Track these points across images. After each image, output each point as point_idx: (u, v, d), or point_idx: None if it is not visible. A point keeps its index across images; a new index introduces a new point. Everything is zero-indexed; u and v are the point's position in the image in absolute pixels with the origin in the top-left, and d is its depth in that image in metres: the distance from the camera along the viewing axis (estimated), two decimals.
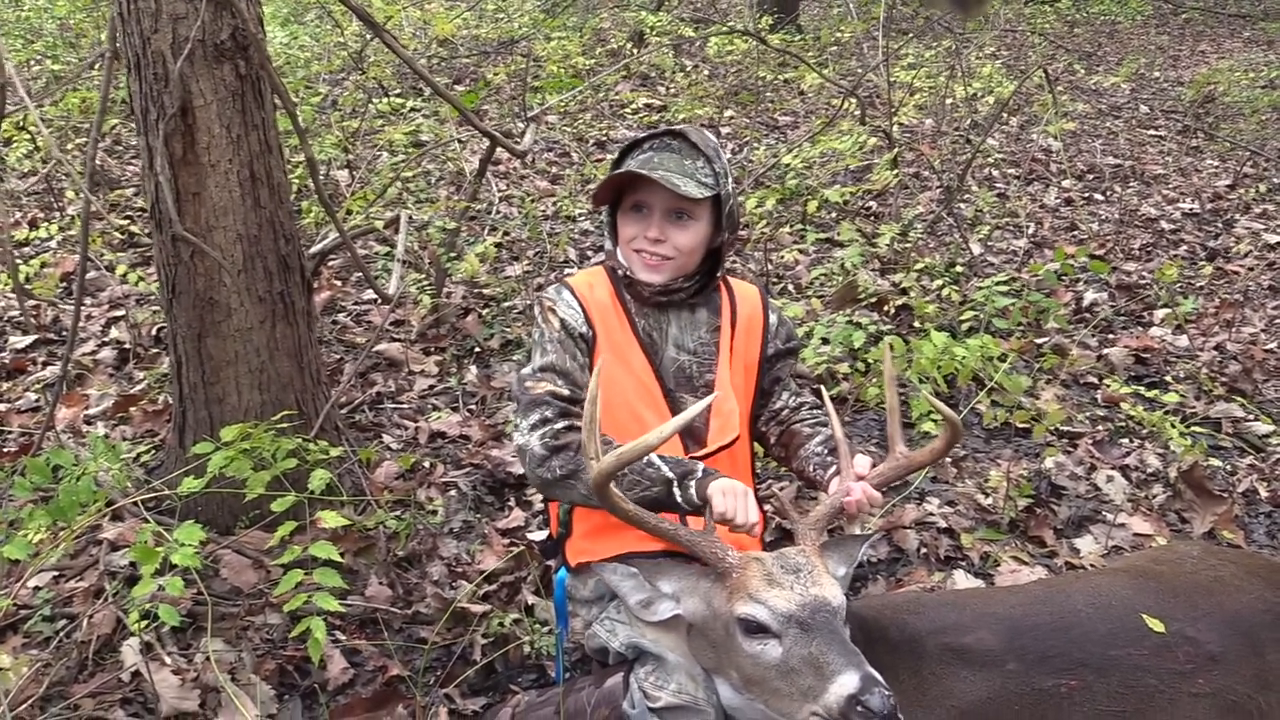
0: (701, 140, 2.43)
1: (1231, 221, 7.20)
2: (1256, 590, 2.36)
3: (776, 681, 1.99)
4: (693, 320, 2.53)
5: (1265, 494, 3.99)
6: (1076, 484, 4.00)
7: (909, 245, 5.81)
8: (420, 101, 7.59)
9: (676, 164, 2.37)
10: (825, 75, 7.57)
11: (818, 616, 1.98)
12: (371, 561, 3.28)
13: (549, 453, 2.32)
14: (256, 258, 3.21)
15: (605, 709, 2.31)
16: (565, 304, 2.45)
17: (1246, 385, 4.77)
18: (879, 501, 2.30)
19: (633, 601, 2.19)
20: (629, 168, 2.37)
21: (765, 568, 2.07)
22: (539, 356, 2.43)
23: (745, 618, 2.01)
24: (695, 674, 2.20)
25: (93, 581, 3.08)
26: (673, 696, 2.18)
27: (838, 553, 2.27)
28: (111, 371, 4.49)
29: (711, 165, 2.41)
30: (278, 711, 2.76)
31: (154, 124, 3.01)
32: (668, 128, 2.45)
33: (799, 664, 1.95)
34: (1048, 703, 2.18)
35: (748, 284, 2.69)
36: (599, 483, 2.05)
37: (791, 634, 1.97)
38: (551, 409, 2.36)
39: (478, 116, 6.10)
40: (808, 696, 1.92)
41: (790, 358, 2.70)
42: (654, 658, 2.25)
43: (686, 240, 2.42)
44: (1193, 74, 11.69)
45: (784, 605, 1.99)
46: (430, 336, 4.93)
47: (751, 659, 2.02)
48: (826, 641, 1.94)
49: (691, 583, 2.17)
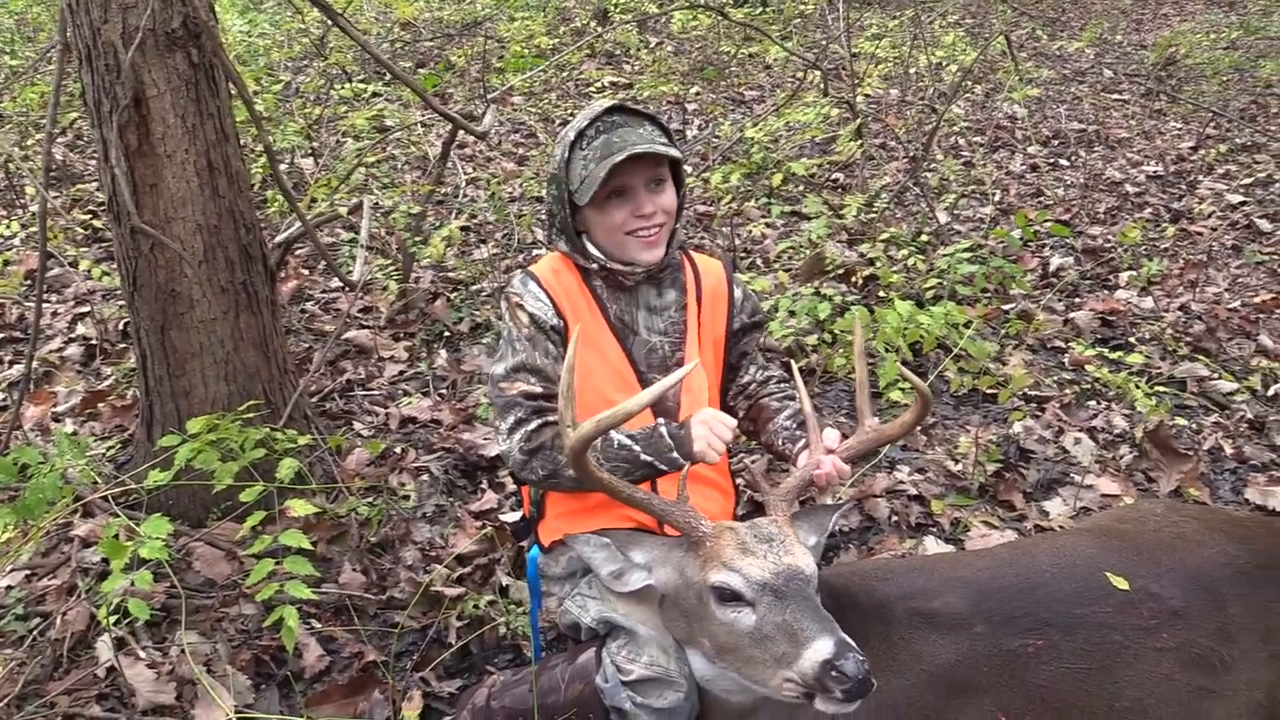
0: (638, 107, 2.43)
1: (1195, 183, 7.26)
2: (1218, 545, 2.39)
3: (750, 649, 2.00)
4: (661, 300, 2.53)
5: (1230, 451, 4.05)
6: (1044, 447, 4.05)
7: (875, 216, 5.83)
8: (383, 86, 7.53)
9: (635, 135, 2.35)
10: (789, 48, 7.55)
11: (791, 584, 1.99)
12: (344, 548, 3.28)
13: (527, 456, 2.36)
14: (217, 248, 3.18)
15: (579, 683, 2.33)
16: (532, 297, 2.43)
17: (1210, 344, 4.82)
18: (848, 474, 2.32)
19: (605, 572, 2.21)
20: (596, 159, 2.33)
21: (738, 537, 2.08)
22: (510, 356, 2.42)
23: (719, 586, 2.03)
24: (667, 646, 2.22)
25: (65, 579, 3.06)
26: (645, 669, 2.21)
27: (809, 522, 2.30)
28: (79, 368, 4.45)
29: (660, 123, 2.42)
30: (254, 701, 2.76)
31: (108, 116, 2.97)
32: (603, 108, 2.41)
33: (773, 631, 1.96)
34: (1016, 663, 2.21)
35: (712, 259, 2.69)
36: (575, 450, 2.06)
37: (765, 602, 1.99)
38: (524, 409, 2.38)
39: (441, 100, 6.07)
40: (781, 663, 1.93)
41: (756, 331, 2.70)
42: (626, 632, 2.27)
43: (669, 201, 2.44)
44: (1155, 37, 11.75)
45: (757, 573, 2.01)
46: (399, 322, 4.91)
47: (725, 627, 2.03)
48: (800, 608, 1.95)
49: (664, 552, 2.19)
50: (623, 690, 2.23)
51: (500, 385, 2.41)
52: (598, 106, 2.42)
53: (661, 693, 2.21)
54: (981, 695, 2.21)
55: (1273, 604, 2.30)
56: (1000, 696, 2.21)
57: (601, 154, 2.34)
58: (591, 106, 2.44)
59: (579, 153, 2.39)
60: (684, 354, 2.52)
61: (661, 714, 2.23)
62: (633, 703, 2.23)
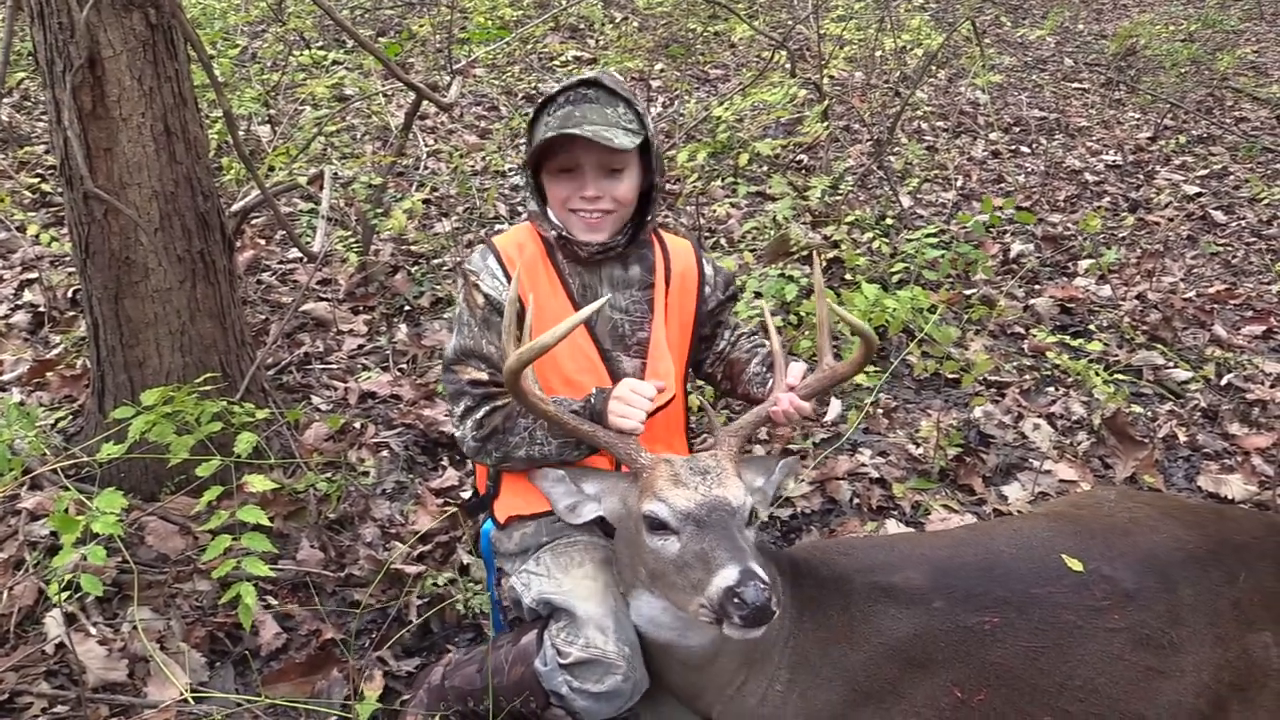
0: (617, 84, 2.37)
1: (1152, 173, 7.35)
2: (1170, 530, 2.43)
3: (673, 575, 2.07)
4: (625, 277, 2.51)
5: (1184, 439, 4.12)
6: (1004, 432, 4.09)
7: (840, 198, 5.84)
8: (343, 54, 7.39)
9: (599, 114, 2.30)
10: (755, 27, 7.53)
11: (714, 515, 2.05)
12: (302, 525, 3.24)
13: (480, 443, 2.39)
14: (174, 215, 3.11)
15: (520, 666, 2.32)
16: (489, 274, 2.41)
17: (1166, 333, 4.90)
18: (807, 411, 2.33)
19: (561, 506, 2.30)
20: (552, 129, 2.29)
21: (673, 469, 2.14)
22: (457, 337, 2.43)
23: (648, 514, 2.10)
24: (605, 627, 2.23)
25: (12, 552, 2.99)
26: (582, 651, 2.21)
27: (756, 465, 2.36)
28: (26, 336, 4.34)
29: (634, 108, 2.35)
30: (209, 679, 2.72)
31: (60, 76, 2.88)
32: (580, 78, 2.37)
33: (691, 559, 2.02)
34: (972, 639, 2.24)
35: (681, 239, 2.67)
36: (509, 382, 2.13)
37: (688, 531, 2.05)
38: (472, 397, 2.39)
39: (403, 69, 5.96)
40: (697, 589, 1.99)
41: (731, 303, 2.71)
42: (565, 613, 2.27)
43: (623, 191, 2.39)
44: (1115, 27, 11.85)
45: (683, 503, 2.07)
46: (358, 295, 4.85)
47: (653, 554, 2.10)
48: (717, 538, 2.01)
49: (611, 483, 2.29)
50: (560, 674, 2.23)
51: (453, 368, 2.42)
52: (579, 78, 2.38)
53: (599, 676, 2.20)
54: (938, 669, 2.24)
55: (1221, 588, 2.34)
56: (956, 671, 2.24)
57: (559, 123, 2.30)
58: (572, 80, 2.40)
59: (544, 116, 2.36)
60: (647, 334, 2.50)
61: (600, 698, 2.22)
62: (569, 687, 2.22)
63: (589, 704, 2.23)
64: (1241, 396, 4.44)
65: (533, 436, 2.35)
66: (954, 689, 2.22)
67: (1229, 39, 11.11)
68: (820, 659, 2.27)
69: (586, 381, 2.41)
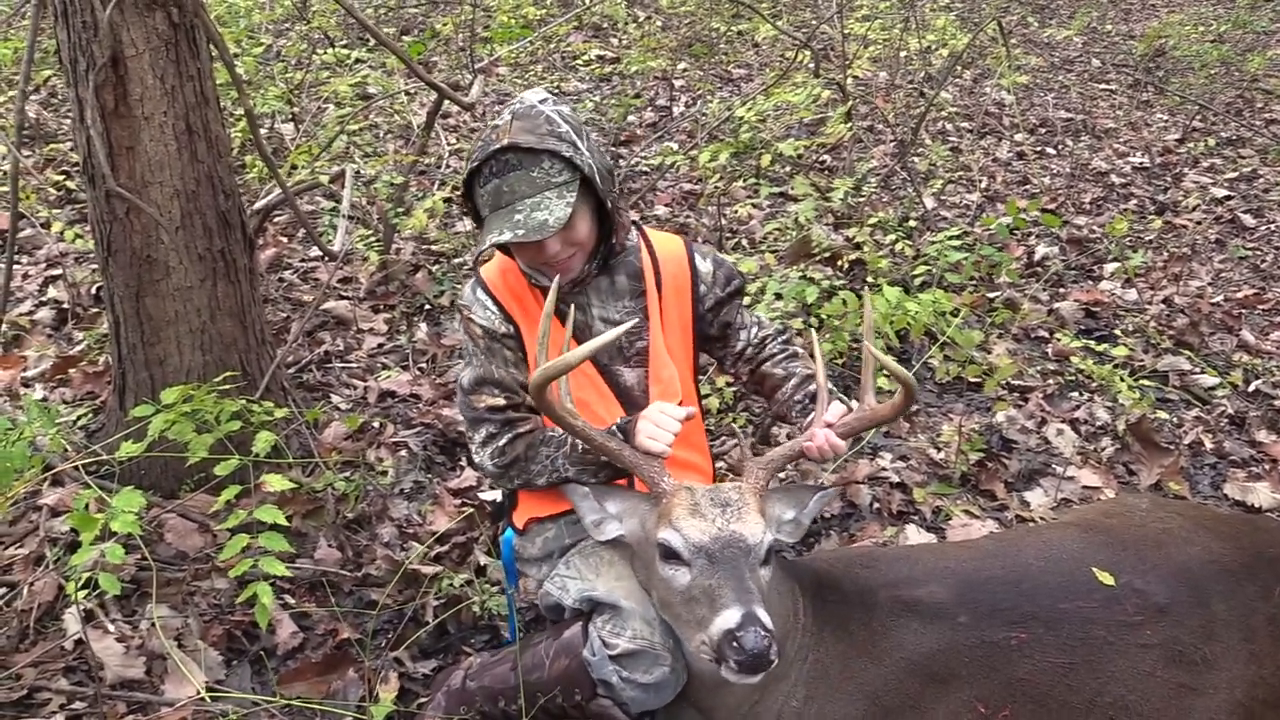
0: (536, 135, 2.21)
1: (1180, 175, 7.26)
2: (1203, 542, 2.39)
3: (680, 607, 2.07)
4: (613, 289, 2.47)
5: (1210, 446, 4.06)
6: (1027, 437, 4.04)
7: (863, 200, 5.80)
8: (366, 52, 7.40)
9: (527, 182, 2.21)
10: (779, 27, 7.48)
11: (726, 551, 2.04)
12: (320, 524, 3.23)
13: (501, 471, 2.41)
14: (195, 214, 3.11)
15: (565, 658, 2.30)
16: (480, 307, 2.41)
17: (1193, 338, 4.83)
18: (841, 450, 2.30)
19: (587, 520, 2.29)
20: (492, 228, 2.22)
21: (693, 498, 2.13)
22: (470, 369, 2.43)
23: (662, 542, 2.09)
24: (651, 619, 2.22)
25: (33, 548, 3.00)
26: (630, 642, 2.20)
27: (788, 497, 2.31)
28: (50, 332, 4.36)
29: (559, 154, 2.22)
30: (225, 677, 2.71)
31: (84, 75, 2.89)
32: (497, 147, 2.22)
33: (699, 594, 2.02)
34: (998, 654, 2.21)
35: (670, 237, 2.60)
36: (535, 396, 2.16)
37: (699, 564, 2.04)
38: (493, 424, 2.40)
39: (425, 68, 5.96)
40: (700, 626, 1.99)
41: (736, 298, 2.62)
42: (610, 607, 2.26)
43: (580, 234, 2.31)
44: (1144, 27, 11.73)
45: (697, 536, 2.06)
46: (379, 294, 4.84)
47: (664, 583, 2.10)
48: (726, 576, 2.00)
49: (632, 505, 2.27)
50: (610, 664, 2.22)
51: (469, 398, 2.43)
52: (491, 142, 2.24)
53: (648, 667, 2.20)
54: (961, 685, 2.21)
55: (1255, 603, 2.30)
56: (980, 687, 2.20)
57: (492, 202, 2.25)
58: (487, 137, 2.26)
59: (477, 188, 2.30)
60: (646, 343, 2.47)
61: (648, 689, 2.22)
62: (619, 676, 2.21)
63: (638, 694, 2.22)
64: (1270, 403, 4.38)
65: (554, 464, 2.36)
66: (977, 705, 2.18)
67: (1259, 40, 10.97)
68: (840, 674, 2.24)
69: (588, 398, 2.42)
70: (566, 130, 2.26)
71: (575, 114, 2.35)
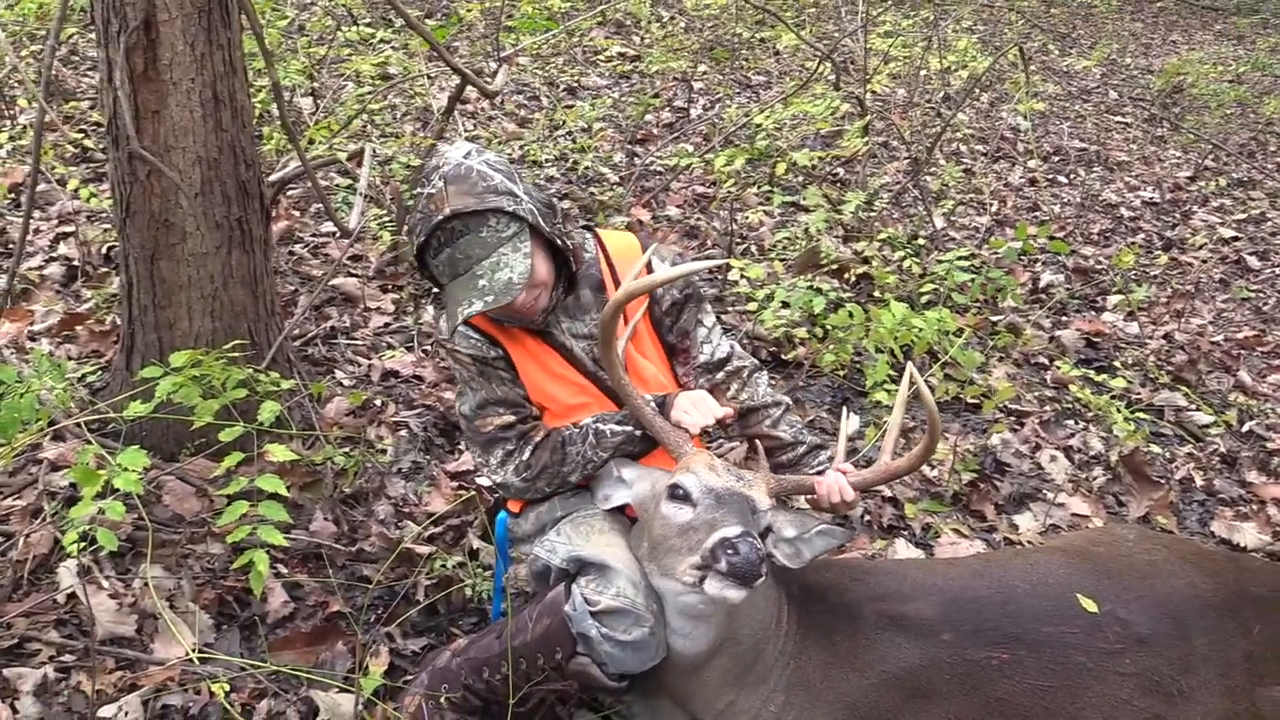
0: (475, 196, 2.25)
1: (1189, 213, 7.31)
2: (1188, 576, 2.42)
3: (675, 539, 2.12)
4: (579, 304, 2.51)
5: (1201, 482, 4.10)
6: (1020, 461, 4.08)
7: (873, 215, 5.83)
8: (390, 33, 7.42)
9: (479, 244, 2.25)
10: (802, 36, 7.51)
11: (734, 498, 2.12)
12: (318, 497, 3.26)
13: (528, 483, 2.46)
14: (215, 181, 3.13)
15: (547, 618, 2.29)
16: (463, 337, 2.44)
17: (1191, 376, 4.87)
18: (850, 499, 2.35)
19: (599, 494, 2.40)
20: (454, 300, 2.27)
21: (711, 460, 2.21)
22: (469, 396, 2.47)
23: (674, 484, 2.17)
24: (636, 581, 2.23)
25: (31, 500, 3.02)
26: (613, 600, 2.21)
27: (794, 518, 2.33)
28: (58, 288, 4.37)
29: (502, 210, 2.26)
30: (215, 641, 2.74)
31: (115, 36, 2.91)
32: (438, 220, 2.25)
33: (700, 524, 2.08)
34: (979, 674, 2.24)
35: (624, 235, 2.62)
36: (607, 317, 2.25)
37: (705, 503, 2.12)
38: (509, 441, 2.45)
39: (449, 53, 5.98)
40: (693, 550, 2.05)
41: (693, 304, 2.58)
42: (596, 568, 2.27)
43: (541, 274, 2.34)
44: (1163, 63, 11.77)
45: (711, 481, 2.14)
46: (388, 274, 4.87)
47: (663, 520, 2.16)
48: (730, 511, 2.08)
49: (646, 472, 2.37)
50: (590, 619, 2.22)
51: (476, 424, 2.47)
52: (432, 214, 2.27)
53: (628, 627, 2.20)
54: (941, 701, 2.24)
55: (1234, 639, 2.33)
56: (959, 704, 2.23)
57: (449, 271, 2.30)
58: (425, 207, 2.29)
59: (429, 259, 2.34)
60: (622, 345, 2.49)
61: (625, 647, 2.21)
62: (598, 631, 2.20)
63: (615, 651, 2.21)
64: (1262, 445, 4.41)
65: (586, 457, 2.41)
66: None
67: (1277, 83, 11.01)
68: (821, 682, 2.27)
69: (585, 405, 2.48)
70: (500, 180, 2.29)
71: (502, 158, 2.38)
